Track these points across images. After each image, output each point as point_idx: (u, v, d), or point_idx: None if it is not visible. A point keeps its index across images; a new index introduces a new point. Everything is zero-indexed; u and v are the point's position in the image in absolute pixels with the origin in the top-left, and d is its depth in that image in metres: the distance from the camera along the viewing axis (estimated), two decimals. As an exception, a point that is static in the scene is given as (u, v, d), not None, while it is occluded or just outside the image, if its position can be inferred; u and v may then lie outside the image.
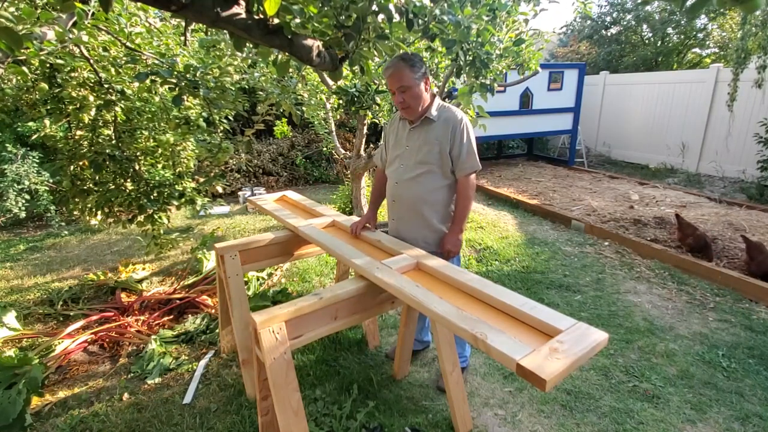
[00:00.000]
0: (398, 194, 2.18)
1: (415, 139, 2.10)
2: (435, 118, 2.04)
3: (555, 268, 3.72)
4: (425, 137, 2.06)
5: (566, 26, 12.74)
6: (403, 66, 1.93)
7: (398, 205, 2.20)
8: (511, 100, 7.03)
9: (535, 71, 3.66)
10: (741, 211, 5.01)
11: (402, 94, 1.97)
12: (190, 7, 1.12)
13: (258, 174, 6.80)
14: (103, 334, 2.76)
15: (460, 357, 2.33)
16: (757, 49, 5.33)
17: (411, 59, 1.93)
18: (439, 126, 2.04)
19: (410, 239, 2.14)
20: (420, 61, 1.96)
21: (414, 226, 2.17)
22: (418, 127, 2.08)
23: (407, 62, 1.92)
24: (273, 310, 1.54)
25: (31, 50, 1.78)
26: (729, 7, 0.82)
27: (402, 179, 2.14)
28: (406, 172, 2.13)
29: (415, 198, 2.11)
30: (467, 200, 2.06)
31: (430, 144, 2.05)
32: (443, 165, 2.07)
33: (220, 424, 2.08)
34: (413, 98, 1.99)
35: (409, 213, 2.16)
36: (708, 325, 2.87)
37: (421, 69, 1.96)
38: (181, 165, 3.05)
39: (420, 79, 1.96)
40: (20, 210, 4.24)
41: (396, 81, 1.95)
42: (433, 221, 2.13)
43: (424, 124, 2.07)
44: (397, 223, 2.23)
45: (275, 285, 3.49)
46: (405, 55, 1.94)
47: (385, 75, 1.98)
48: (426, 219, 2.13)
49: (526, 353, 1.14)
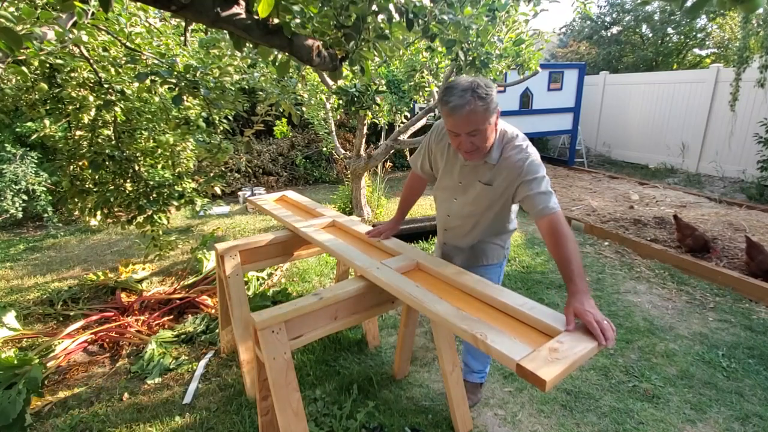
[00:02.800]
0: (451, 226, 1.95)
1: (470, 177, 1.75)
2: (494, 161, 1.65)
3: (555, 268, 3.72)
4: (480, 178, 1.71)
5: (566, 26, 12.76)
6: (478, 105, 1.46)
7: (450, 234, 1.98)
8: (511, 100, 7.03)
9: (535, 71, 3.67)
10: (741, 211, 5.01)
11: (471, 138, 1.54)
12: (189, 7, 1.12)
13: (258, 174, 6.80)
14: (103, 334, 2.76)
15: (480, 373, 2.20)
16: (759, 48, 5.33)
17: (485, 93, 1.47)
18: (498, 173, 1.66)
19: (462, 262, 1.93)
20: (491, 91, 1.50)
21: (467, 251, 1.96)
22: (474, 166, 1.72)
23: (483, 100, 1.47)
24: (273, 310, 1.54)
25: (31, 50, 1.78)
26: (729, 7, 0.81)
27: (455, 214, 1.89)
28: (458, 208, 1.85)
29: (468, 229, 1.89)
30: (574, 254, 1.41)
31: (485, 189, 1.71)
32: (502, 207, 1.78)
33: (220, 424, 2.08)
34: (484, 141, 1.57)
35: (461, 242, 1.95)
36: (708, 325, 2.87)
37: (494, 102, 1.50)
38: (181, 165, 3.05)
39: (493, 114, 1.53)
40: (17, 210, 4.24)
41: (467, 124, 1.50)
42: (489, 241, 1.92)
43: (479, 164, 1.70)
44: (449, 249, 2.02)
45: (275, 285, 3.49)
46: (477, 85, 1.47)
47: (451, 112, 1.49)
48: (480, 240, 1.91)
49: (526, 353, 1.14)
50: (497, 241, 1.93)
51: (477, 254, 1.94)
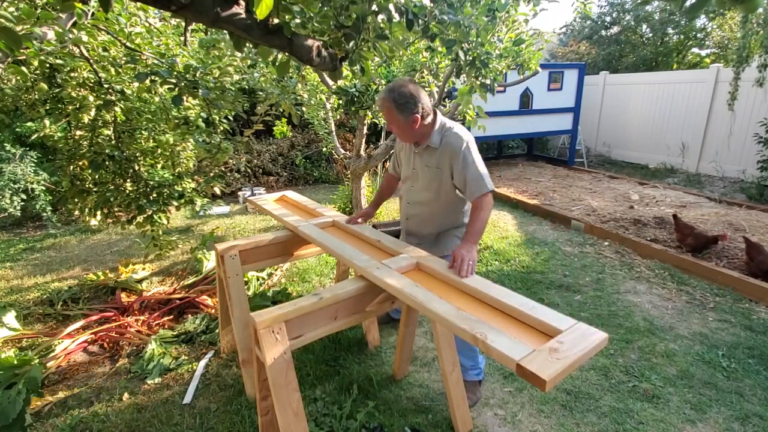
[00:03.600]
0: (411, 213, 2.26)
1: (420, 163, 2.10)
2: (436, 144, 2.00)
3: (555, 268, 3.72)
4: (427, 163, 2.06)
5: (566, 26, 12.76)
6: (389, 106, 1.90)
7: (411, 223, 2.28)
8: (511, 100, 7.03)
9: (535, 71, 3.67)
10: (741, 211, 5.01)
11: (391, 125, 2.00)
12: (189, 7, 1.12)
13: (258, 174, 6.80)
14: (103, 334, 2.76)
15: (474, 369, 2.21)
16: (758, 48, 5.33)
17: (399, 101, 1.88)
18: (440, 153, 2.00)
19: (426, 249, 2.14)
20: (408, 103, 1.88)
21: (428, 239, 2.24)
22: (421, 152, 2.08)
23: (394, 103, 1.88)
24: (273, 310, 1.54)
25: (31, 50, 1.78)
26: (728, 7, 0.81)
27: (413, 200, 2.23)
28: (415, 194, 2.19)
29: (426, 217, 2.20)
30: (479, 221, 1.89)
31: (432, 171, 2.05)
32: (450, 190, 2.07)
33: (220, 424, 2.08)
34: (401, 132, 2.01)
35: (422, 229, 2.24)
36: (708, 325, 2.87)
37: (409, 112, 1.89)
38: (181, 165, 3.05)
39: (407, 120, 1.91)
40: (15, 209, 4.24)
41: (384, 115, 1.99)
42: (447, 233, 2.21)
43: (427, 149, 2.05)
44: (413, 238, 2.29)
45: (275, 285, 3.49)
46: (394, 94, 1.88)
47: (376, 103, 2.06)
48: (439, 233, 2.21)
49: (526, 353, 1.14)
50: (456, 233, 2.20)
51: (438, 244, 2.20)
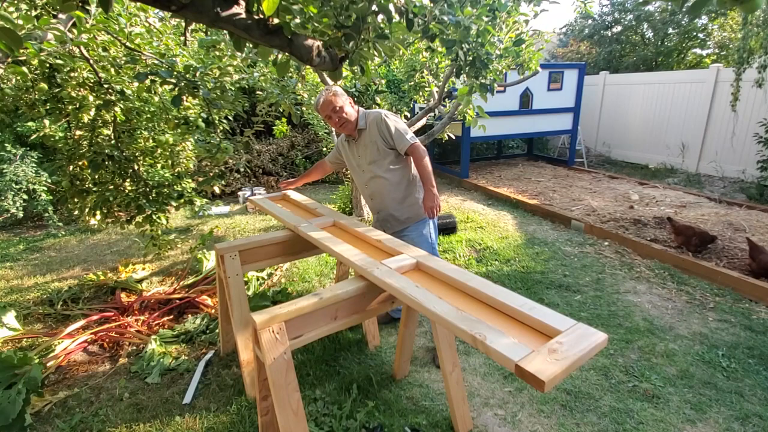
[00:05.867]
0: (371, 192, 2.58)
1: (361, 148, 2.52)
2: (363, 125, 2.46)
3: (555, 268, 3.72)
4: (365, 142, 2.48)
5: (566, 26, 12.75)
6: (330, 95, 2.37)
7: (376, 201, 2.59)
8: (511, 100, 7.03)
9: (535, 71, 3.67)
10: (741, 211, 5.01)
11: (336, 114, 2.38)
12: (190, 7, 1.12)
13: (258, 174, 6.79)
14: (103, 334, 2.76)
15: None
16: (759, 48, 5.32)
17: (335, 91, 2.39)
18: (369, 130, 2.45)
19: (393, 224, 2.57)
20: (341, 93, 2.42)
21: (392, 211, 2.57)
22: (357, 138, 2.51)
23: (331, 92, 2.37)
24: (273, 310, 1.54)
25: (31, 50, 1.78)
26: (729, 7, 0.81)
27: (367, 179, 2.55)
28: (365, 174, 2.55)
29: (382, 187, 2.51)
30: (423, 167, 2.38)
31: (371, 146, 2.47)
32: (388, 155, 2.46)
33: (220, 424, 2.08)
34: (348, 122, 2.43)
35: (384, 203, 2.56)
36: (708, 325, 2.87)
37: (343, 96, 2.42)
38: (180, 165, 3.05)
39: (345, 102, 2.40)
40: (18, 210, 4.24)
41: (328, 106, 2.37)
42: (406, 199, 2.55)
43: (360, 134, 2.49)
44: (379, 215, 2.63)
45: (275, 285, 3.49)
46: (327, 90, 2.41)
47: (316, 109, 2.42)
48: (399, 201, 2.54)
49: (525, 354, 1.14)
50: (411, 200, 2.55)
51: (402, 219, 2.56)
